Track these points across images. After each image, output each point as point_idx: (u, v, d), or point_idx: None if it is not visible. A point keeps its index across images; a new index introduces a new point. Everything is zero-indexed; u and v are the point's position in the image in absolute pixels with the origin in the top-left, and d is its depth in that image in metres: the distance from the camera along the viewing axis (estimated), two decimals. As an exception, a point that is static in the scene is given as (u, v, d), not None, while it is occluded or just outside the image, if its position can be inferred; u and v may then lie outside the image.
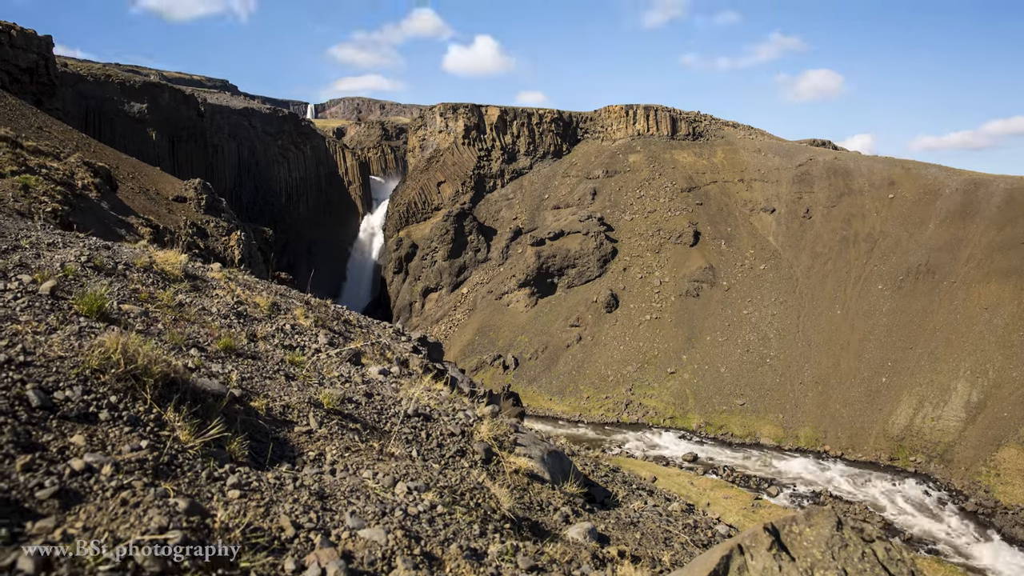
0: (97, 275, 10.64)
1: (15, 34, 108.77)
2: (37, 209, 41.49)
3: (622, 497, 12.74)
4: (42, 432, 5.07)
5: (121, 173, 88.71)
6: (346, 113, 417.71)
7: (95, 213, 55.22)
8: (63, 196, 46.95)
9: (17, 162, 49.83)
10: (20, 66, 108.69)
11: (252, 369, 9.38)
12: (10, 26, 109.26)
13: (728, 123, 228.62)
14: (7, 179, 44.61)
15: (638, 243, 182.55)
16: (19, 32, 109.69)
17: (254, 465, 6.41)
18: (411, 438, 9.15)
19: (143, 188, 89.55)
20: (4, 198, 39.80)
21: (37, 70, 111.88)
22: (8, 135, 56.19)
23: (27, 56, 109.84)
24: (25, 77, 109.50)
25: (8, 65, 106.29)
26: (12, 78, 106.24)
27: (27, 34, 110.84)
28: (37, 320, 7.28)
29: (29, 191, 43.98)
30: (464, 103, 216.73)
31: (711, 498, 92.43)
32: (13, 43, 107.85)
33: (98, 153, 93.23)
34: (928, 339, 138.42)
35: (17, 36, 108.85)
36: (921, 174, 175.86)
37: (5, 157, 49.45)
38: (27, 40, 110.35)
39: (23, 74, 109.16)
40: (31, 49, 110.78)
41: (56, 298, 8.41)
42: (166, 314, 10.10)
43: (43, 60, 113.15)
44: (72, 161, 63.80)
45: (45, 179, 48.81)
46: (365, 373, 11.81)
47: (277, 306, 14.33)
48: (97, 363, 6.10)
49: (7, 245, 10.68)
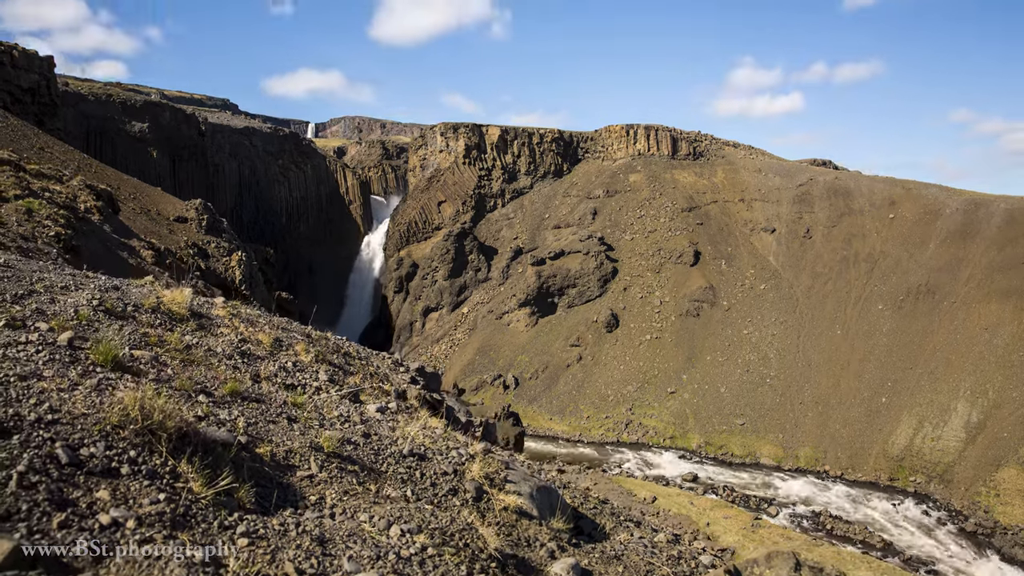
0: (109, 319, 11.19)
1: (17, 55, 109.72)
2: (41, 233, 42.04)
3: (609, 529, 13.24)
4: (72, 488, 5.63)
5: (123, 194, 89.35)
6: (347, 132, 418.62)
7: (98, 236, 55.60)
8: (66, 220, 47.30)
9: (20, 186, 50.30)
10: (22, 86, 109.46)
11: (257, 413, 9.89)
12: (12, 47, 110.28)
13: (729, 143, 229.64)
14: (11, 203, 45.11)
15: (638, 263, 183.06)
16: (21, 53, 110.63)
17: (260, 511, 6.93)
18: (406, 478, 9.67)
19: (144, 208, 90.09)
20: (8, 223, 40.30)
21: (39, 90, 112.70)
22: (11, 158, 56.75)
23: (29, 76, 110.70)
24: (27, 97, 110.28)
25: (10, 86, 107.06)
26: (14, 98, 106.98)
27: (29, 55, 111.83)
28: (59, 375, 7.82)
29: (32, 215, 44.39)
30: (465, 123, 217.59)
31: (711, 518, 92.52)
32: (15, 64, 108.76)
33: (99, 174, 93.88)
34: (928, 359, 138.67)
35: (19, 57, 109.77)
36: (921, 194, 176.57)
37: (8, 181, 49.93)
38: (29, 60, 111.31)
39: (25, 94, 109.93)
40: (33, 69, 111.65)
41: (74, 348, 8.97)
42: (175, 358, 10.65)
43: (44, 80, 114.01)
44: (75, 184, 64.37)
45: (48, 203, 49.20)
46: (363, 412, 12.32)
47: (279, 342, 14.86)
48: (117, 419, 6.66)
49: (22, 290, 11.23)
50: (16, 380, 7.09)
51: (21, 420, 6.19)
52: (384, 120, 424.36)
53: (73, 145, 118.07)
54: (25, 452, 5.73)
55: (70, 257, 43.25)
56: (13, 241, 37.30)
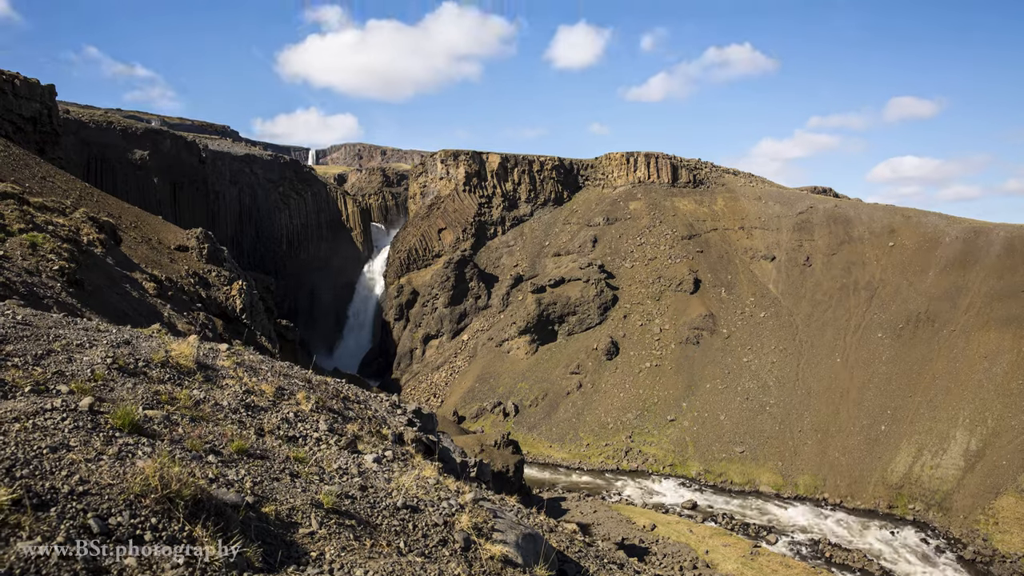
0: (122, 377, 12.01)
1: (18, 83, 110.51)
2: (45, 267, 42.90)
3: (593, 572, 13.93)
4: (104, 556, 6.40)
5: (124, 222, 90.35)
6: (347, 159, 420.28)
7: (101, 269, 56.37)
8: (69, 254, 48.06)
9: (24, 219, 51.12)
10: (24, 115, 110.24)
11: (262, 470, 10.64)
12: (13, 76, 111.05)
13: (729, 170, 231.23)
14: (16, 237, 45.92)
15: (638, 290, 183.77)
16: (22, 81, 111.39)
17: (267, 569, 7.68)
18: (399, 530, 10.43)
19: (146, 237, 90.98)
20: (13, 257, 41.15)
21: (40, 119, 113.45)
22: (14, 191, 57.60)
23: (30, 105, 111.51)
24: (28, 126, 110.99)
25: (12, 115, 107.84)
26: (16, 127, 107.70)
27: (30, 83, 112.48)
28: (84, 443, 8.62)
29: (37, 249, 45.19)
30: (465, 150, 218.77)
31: (710, 546, 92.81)
32: (16, 93, 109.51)
33: (101, 203, 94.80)
34: (927, 387, 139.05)
35: (20, 86, 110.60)
36: (921, 222, 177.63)
37: (13, 215, 50.75)
38: (30, 89, 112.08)
39: (27, 123, 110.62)
40: (34, 98, 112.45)
41: (94, 413, 9.78)
42: (185, 415, 11.45)
43: (46, 109, 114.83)
44: (77, 216, 65.26)
45: (52, 236, 49.95)
46: (361, 462, 13.06)
47: (282, 390, 15.65)
48: (139, 488, 7.43)
49: (41, 349, 12.04)
50: (48, 452, 7.87)
51: (56, 493, 6.96)
52: (384, 147, 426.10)
53: (74, 173, 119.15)
54: (62, 524, 6.50)
55: (74, 291, 44.10)
56: (18, 276, 38.18)
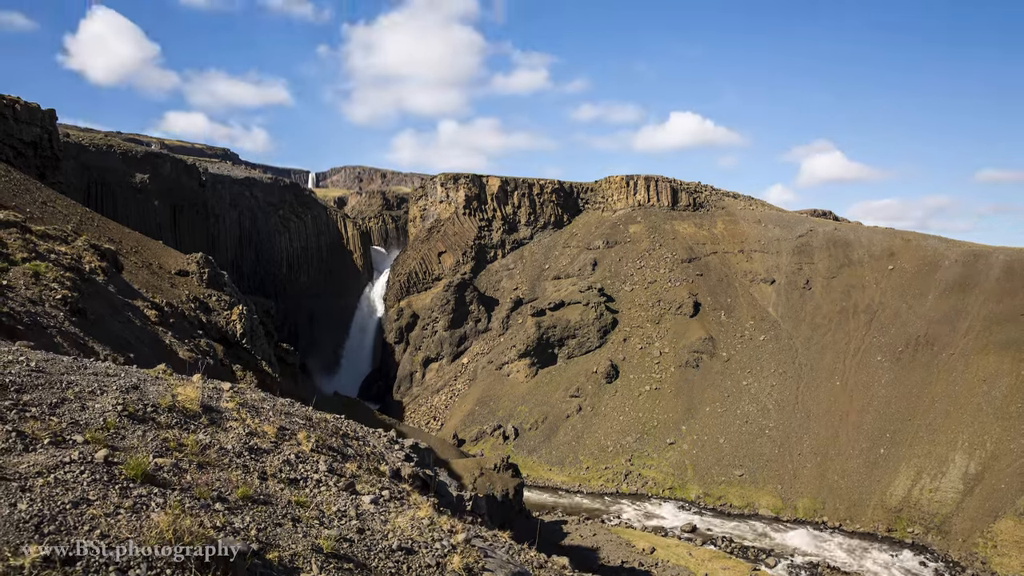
0: (132, 424, 12.66)
1: (19, 108, 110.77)
2: (48, 297, 43.43)
3: (580, 607, 14.50)
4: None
5: (125, 247, 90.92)
6: (347, 182, 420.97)
7: (103, 297, 56.78)
8: (72, 282, 48.43)
9: (27, 248, 51.53)
10: (24, 140, 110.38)
11: (265, 516, 11.23)
12: (14, 100, 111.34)
13: (729, 193, 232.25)
14: (19, 266, 46.40)
15: (638, 314, 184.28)
16: (23, 106, 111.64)
17: (272, 617, 8.31)
18: (394, 572, 11.02)
19: (146, 263, 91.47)
20: (16, 286, 41.70)
21: (41, 144, 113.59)
22: (16, 219, 58.04)
23: (31, 130, 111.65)
24: (29, 151, 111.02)
25: (12, 139, 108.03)
26: (16, 152, 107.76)
27: (31, 108, 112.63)
28: (102, 497, 9.25)
29: (40, 279, 45.66)
30: (465, 173, 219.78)
31: (709, 569, 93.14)
32: (17, 117, 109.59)
33: (102, 228, 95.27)
34: (926, 411, 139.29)
35: (21, 110, 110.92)
36: (921, 245, 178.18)
37: (16, 244, 51.22)
38: (31, 114, 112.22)
39: (27, 148, 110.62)
40: (35, 123, 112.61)
41: (109, 464, 10.42)
42: (192, 461, 12.08)
43: (46, 133, 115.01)
44: (79, 244, 65.71)
45: (54, 264, 50.35)
46: (359, 503, 13.65)
47: (283, 431, 16.26)
48: (155, 541, 8.04)
49: (55, 398, 12.69)
50: (70, 507, 8.50)
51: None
52: (385, 169, 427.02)
53: (75, 197, 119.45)
54: (86, 580, 7.10)
55: (77, 319, 44.64)
56: (22, 306, 38.75)
